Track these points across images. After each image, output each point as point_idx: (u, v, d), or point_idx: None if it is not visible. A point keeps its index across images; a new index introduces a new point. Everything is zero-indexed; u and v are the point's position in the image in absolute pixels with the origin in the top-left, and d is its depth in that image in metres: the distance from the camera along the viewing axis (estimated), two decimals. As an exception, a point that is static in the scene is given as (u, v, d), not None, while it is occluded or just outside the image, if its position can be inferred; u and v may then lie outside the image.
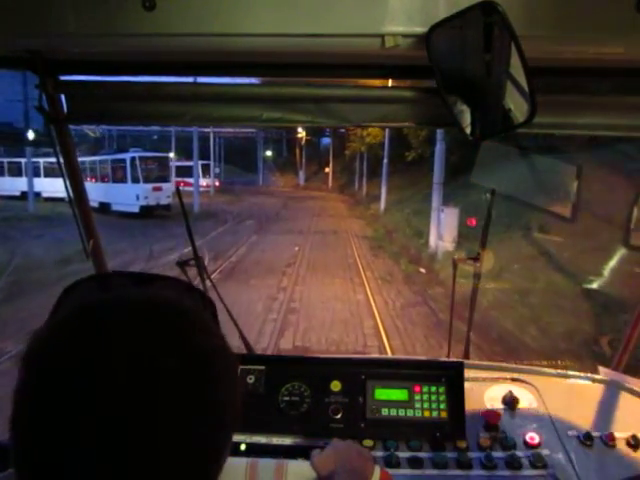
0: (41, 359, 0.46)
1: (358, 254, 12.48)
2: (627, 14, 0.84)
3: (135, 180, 20.74)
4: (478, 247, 1.61)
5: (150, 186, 20.43)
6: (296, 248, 13.05)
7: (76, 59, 1.08)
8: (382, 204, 20.57)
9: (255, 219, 19.99)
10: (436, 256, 10.78)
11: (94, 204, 21.67)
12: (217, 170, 38.78)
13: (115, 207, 21.18)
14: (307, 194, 36.55)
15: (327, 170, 42.73)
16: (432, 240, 11.42)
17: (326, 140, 47.46)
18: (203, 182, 33.67)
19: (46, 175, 27.62)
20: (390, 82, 1.25)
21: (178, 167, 35.04)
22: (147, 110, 1.17)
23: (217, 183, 37.70)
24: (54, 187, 26.50)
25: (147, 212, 20.14)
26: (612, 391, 1.46)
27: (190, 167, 34.83)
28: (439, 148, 11.65)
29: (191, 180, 34.24)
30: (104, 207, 21.78)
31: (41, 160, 28.04)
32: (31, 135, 21.37)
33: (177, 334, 0.49)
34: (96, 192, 21.53)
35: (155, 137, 44.49)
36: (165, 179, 21.52)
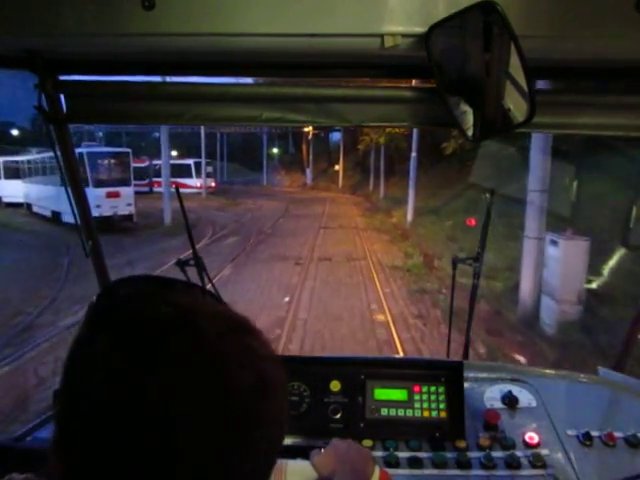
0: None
1: (391, 312, 6.97)
2: (627, 14, 0.84)
3: (84, 183, 17.07)
4: (477, 247, 1.60)
5: (103, 191, 15.93)
6: (286, 299, 7.73)
7: (75, 59, 1.08)
8: (409, 212, 15.56)
9: (242, 234, 15.21)
10: (537, 324, 6.21)
11: (46, 212, 18.38)
12: (210, 169, 33.94)
13: (65, 218, 15.81)
14: (314, 195, 32.41)
15: (337, 168, 38.51)
16: (525, 292, 6.55)
17: (336, 135, 42.72)
18: (197, 183, 30.88)
19: (6, 177, 24.28)
20: (390, 82, 1.25)
21: (171, 166, 31.80)
22: (147, 110, 1.17)
23: (213, 184, 33.74)
24: (14, 191, 22.71)
25: (102, 225, 14.86)
26: (611, 391, 1.46)
27: (187, 165, 31.83)
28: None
29: (187, 181, 30.17)
30: (56, 217, 17.15)
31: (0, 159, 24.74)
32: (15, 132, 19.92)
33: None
34: (47, 198, 17.83)
35: (157, 135, 42.81)
36: (124, 182, 16.81)
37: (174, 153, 35.24)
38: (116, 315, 0.48)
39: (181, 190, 1.67)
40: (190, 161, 32.62)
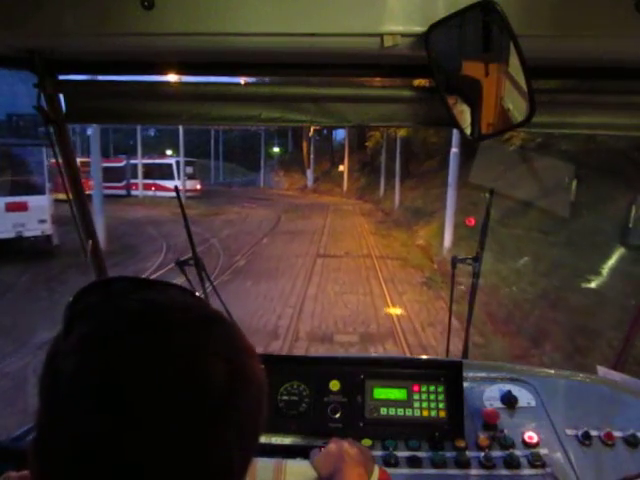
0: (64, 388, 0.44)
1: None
2: (627, 14, 0.84)
3: None
4: (477, 247, 1.61)
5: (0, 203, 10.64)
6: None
7: (75, 58, 1.08)
8: (447, 233, 10.44)
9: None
10: None
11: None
12: (190, 169, 29.07)
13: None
14: (314, 200, 28.71)
15: (341, 168, 34.68)
16: None
17: (340, 133, 39.78)
18: (180, 185, 25.77)
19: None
20: (390, 82, 1.25)
21: (149, 166, 28.39)
22: (146, 109, 1.17)
23: (198, 186, 29.22)
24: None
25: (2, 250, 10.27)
26: (610, 390, 1.46)
27: (168, 165, 28.23)
28: None
29: (167, 183, 25.82)
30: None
31: None
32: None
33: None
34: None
35: (151, 132, 39.99)
36: (34, 188, 11.43)
37: (169, 152, 34.10)
38: (88, 312, 0.48)
39: (158, 194, 1.65)
40: (171, 160, 29.31)
